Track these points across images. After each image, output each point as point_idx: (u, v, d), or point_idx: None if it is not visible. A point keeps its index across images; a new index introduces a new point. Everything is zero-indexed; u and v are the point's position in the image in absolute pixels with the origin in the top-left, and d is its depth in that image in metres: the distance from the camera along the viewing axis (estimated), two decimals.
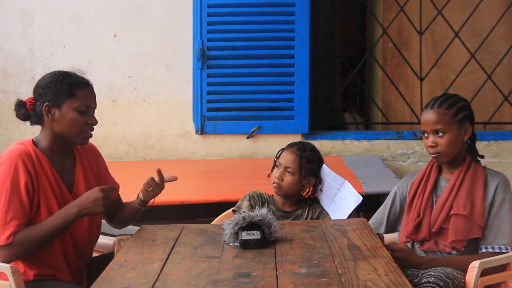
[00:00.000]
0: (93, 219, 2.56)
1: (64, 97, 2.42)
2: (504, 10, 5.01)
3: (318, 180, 2.81)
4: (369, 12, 5.72)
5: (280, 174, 2.75)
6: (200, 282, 1.85)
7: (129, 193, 3.65)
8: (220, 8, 4.64)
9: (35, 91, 2.49)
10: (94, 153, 2.69)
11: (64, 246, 2.46)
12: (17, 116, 2.51)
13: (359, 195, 2.69)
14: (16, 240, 2.30)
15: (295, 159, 2.76)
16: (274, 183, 2.76)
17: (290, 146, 2.83)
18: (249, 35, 4.67)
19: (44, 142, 2.47)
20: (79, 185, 2.54)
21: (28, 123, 2.55)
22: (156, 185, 2.61)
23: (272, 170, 2.81)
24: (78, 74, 2.51)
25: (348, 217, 2.67)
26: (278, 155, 2.82)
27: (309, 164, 2.78)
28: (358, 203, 2.67)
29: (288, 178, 2.75)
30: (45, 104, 2.43)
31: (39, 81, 2.50)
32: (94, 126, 2.51)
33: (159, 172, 2.64)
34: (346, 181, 2.76)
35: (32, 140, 2.47)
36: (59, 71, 2.50)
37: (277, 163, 2.80)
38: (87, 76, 2.53)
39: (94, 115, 2.52)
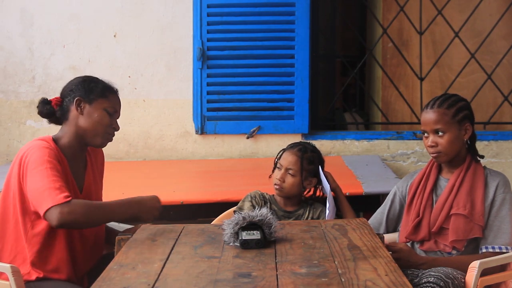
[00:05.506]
0: (96, 228, 2.59)
1: (97, 95, 2.51)
2: (504, 10, 5.01)
3: (319, 180, 2.81)
4: (369, 12, 5.72)
5: (282, 175, 2.74)
6: (200, 282, 1.85)
7: (129, 193, 3.65)
8: (220, 8, 4.64)
9: (64, 89, 2.55)
10: (102, 158, 2.76)
11: (72, 246, 2.47)
12: (40, 112, 2.54)
13: (330, 213, 2.70)
14: (75, 201, 2.28)
15: (296, 160, 2.75)
16: (275, 184, 2.76)
17: (291, 147, 2.82)
18: (249, 35, 4.67)
19: (65, 140, 2.50)
20: (89, 187, 2.58)
21: (28, 123, 2.55)
22: None
23: (273, 171, 2.81)
24: (108, 82, 2.62)
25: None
26: (279, 156, 2.81)
27: (310, 165, 2.77)
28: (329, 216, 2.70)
29: (289, 179, 2.74)
30: (76, 98, 2.49)
31: (70, 81, 2.58)
32: (115, 133, 2.58)
33: None
34: (329, 194, 2.75)
35: (52, 137, 2.50)
36: (91, 75, 2.62)
37: (278, 164, 2.79)
38: (116, 87, 2.63)
39: (118, 122, 2.59)
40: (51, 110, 2.53)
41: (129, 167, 4.48)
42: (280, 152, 2.83)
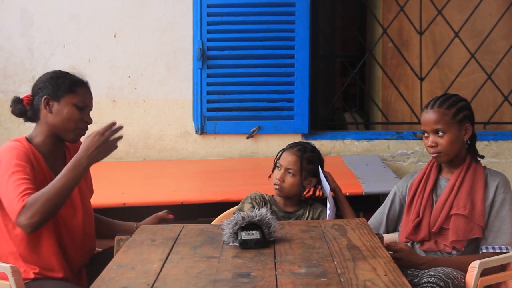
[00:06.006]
0: (86, 214, 2.58)
1: (64, 91, 2.49)
2: (504, 10, 5.01)
3: (319, 180, 2.81)
4: (369, 12, 5.72)
5: (281, 175, 2.74)
6: (199, 282, 1.85)
7: (129, 193, 3.67)
8: (220, 8, 4.64)
9: (34, 87, 2.54)
10: None
11: (61, 241, 2.48)
12: (13, 111, 2.56)
13: (331, 212, 2.70)
14: (30, 200, 2.29)
15: (296, 160, 2.75)
16: (275, 184, 2.76)
17: (291, 147, 2.82)
18: (249, 35, 4.66)
19: (38, 138, 2.51)
20: None
21: (28, 123, 2.57)
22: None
23: (272, 171, 2.81)
24: (78, 74, 2.58)
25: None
26: (278, 156, 2.81)
27: (309, 165, 2.77)
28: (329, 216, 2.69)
29: (289, 179, 2.74)
30: (44, 97, 2.48)
31: (39, 78, 2.57)
32: (88, 126, 2.56)
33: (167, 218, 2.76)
34: (329, 194, 2.75)
35: (26, 137, 2.50)
36: (59, 70, 2.58)
37: (277, 164, 2.79)
38: (86, 78, 2.60)
39: (90, 115, 2.56)
40: (22, 110, 2.54)
41: (129, 167, 4.48)
42: (279, 152, 2.83)
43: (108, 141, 2.40)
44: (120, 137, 2.45)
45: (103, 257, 2.47)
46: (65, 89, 2.49)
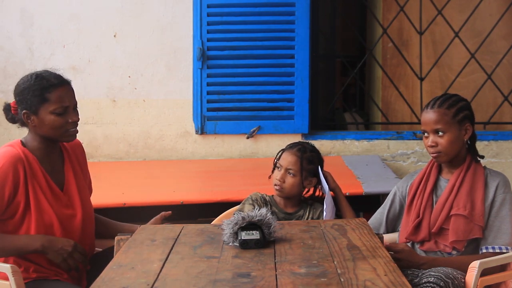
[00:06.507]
0: (86, 214, 2.58)
1: (37, 103, 2.42)
2: (504, 10, 5.01)
3: (319, 180, 2.80)
4: (369, 12, 5.71)
5: (282, 176, 2.73)
6: (199, 282, 1.85)
7: (129, 193, 3.67)
8: (220, 8, 4.64)
9: (14, 95, 2.50)
10: (80, 149, 2.70)
11: None
12: (6, 119, 2.55)
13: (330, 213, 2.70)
14: None
15: (296, 160, 2.74)
16: (275, 185, 2.74)
17: (290, 147, 2.81)
18: (249, 35, 4.66)
19: (32, 143, 2.49)
20: (69, 181, 2.56)
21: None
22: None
23: (272, 172, 2.80)
24: (51, 74, 2.47)
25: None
26: (278, 156, 2.81)
27: (310, 165, 2.76)
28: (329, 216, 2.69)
29: (289, 180, 2.74)
30: (23, 112, 2.44)
31: (16, 86, 2.50)
32: (78, 123, 2.50)
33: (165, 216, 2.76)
34: (328, 194, 2.75)
35: (21, 141, 2.49)
36: (32, 74, 2.48)
37: (277, 165, 2.78)
38: (61, 73, 2.49)
39: (77, 110, 2.50)
40: (13, 118, 2.51)
41: (129, 167, 4.48)
42: (279, 152, 2.82)
43: (67, 259, 2.42)
44: (79, 264, 2.46)
45: (103, 257, 2.47)
46: (38, 101, 2.41)
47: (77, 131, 2.51)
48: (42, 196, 2.43)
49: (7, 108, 2.54)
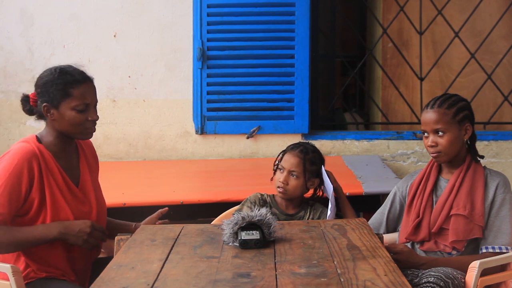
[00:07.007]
0: (100, 210, 2.58)
1: (60, 98, 2.40)
2: (504, 10, 5.01)
3: (321, 180, 2.79)
4: (369, 12, 5.72)
5: (285, 178, 2.71)
6: (199, 282, 1.85)
7: (129, 193, 3.67)
8: (220, 8, 4.64)
9: (35, 87, 2.47)
10: (92, 147, 2.70)
11: (67, 245, 2.46)
12: (23, 110, 2.52)
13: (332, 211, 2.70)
14: None
15: (299, 162, 2.72)
16: (279, 187, 2.72)
17: (292, 148, 2.78)
18: (249, 35, 4.67)
19: (48, 138, 2.47)
20: (85, 178, 2.55)
21: (28, 123, 2.56)
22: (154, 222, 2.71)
23: (274, 173, 2.78)
24: (76, 70, 2.46)
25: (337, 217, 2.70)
26: (279, 158, 2.78)
27: (312, 166, 2.75)
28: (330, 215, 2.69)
29: (293, 182, 2.72)
30: (43, 105, 2.42)
31: (38, 78, 2.48)
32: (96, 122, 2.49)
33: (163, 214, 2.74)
34: (332, 194, 2.75)
35: (36, 136, 2.47)
36: (56, 68, 2.46)
37: (280, 167, 2.75)
38: (85, 70, 2.48)
39: (96, 108, 2.49)
40: (31, 109, 2.49)
41: (129, 167, 4.48)
42: (280, 154, 2.80)
43: (88, 240, 2.42)
44: (99, 242, 2.47)
45: (108, 263, 2.47)
46: (60, 95, 2.39)
47: (94, 130, 2.49)
48: (58, 192, 2.42)
49: (25, 99, 2.50)
